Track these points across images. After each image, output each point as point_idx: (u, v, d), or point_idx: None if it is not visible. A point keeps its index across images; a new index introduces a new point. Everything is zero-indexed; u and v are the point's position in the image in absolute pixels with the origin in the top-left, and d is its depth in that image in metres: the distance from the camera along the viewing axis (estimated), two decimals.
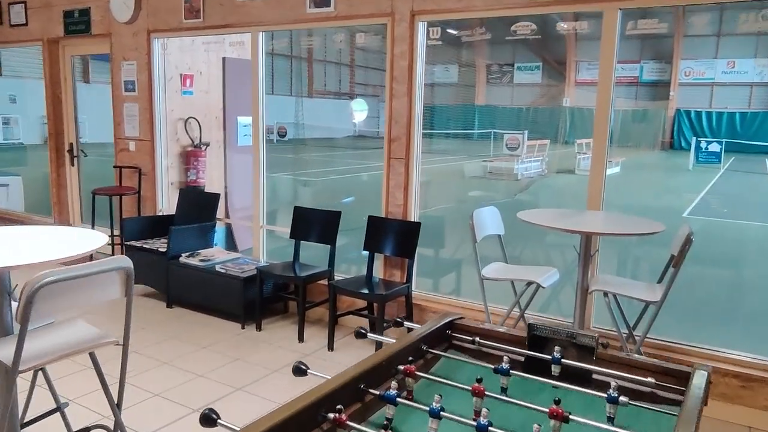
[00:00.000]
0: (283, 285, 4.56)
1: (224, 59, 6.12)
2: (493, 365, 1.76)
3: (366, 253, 4.22)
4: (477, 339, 1.96)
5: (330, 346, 4.01)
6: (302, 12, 4.42)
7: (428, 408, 1.44)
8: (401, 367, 1.72)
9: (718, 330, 4.73)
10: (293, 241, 4.54)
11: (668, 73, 28.34)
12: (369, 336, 2.04)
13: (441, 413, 1.42)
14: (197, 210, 5.17)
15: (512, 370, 1.75)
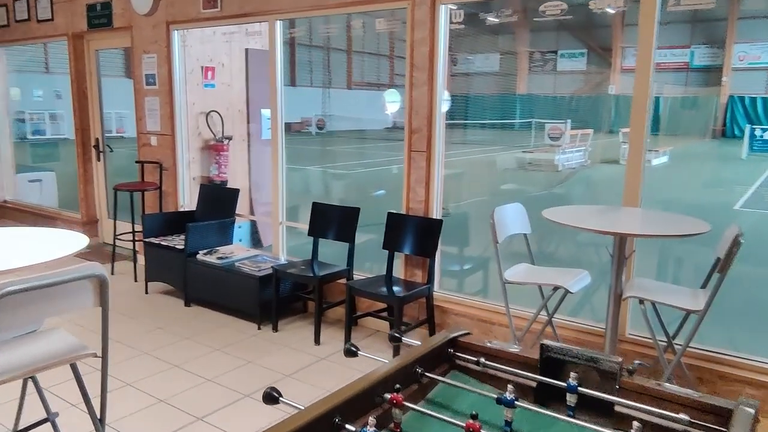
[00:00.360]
0: (302, 284, 4.39)
1: (247, 50, 5.98)
2: (500, 392, 1.53)
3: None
4: (482, 360, 1.72)
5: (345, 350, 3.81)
6: None
7: None
8: (387, 396, 1.49)
9: None
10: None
11: (721, 58, 27.05)
12: (360, 353, 1.82)
13: None
14: (217, 206, 5.04)
15: (522, 398, 1.51)
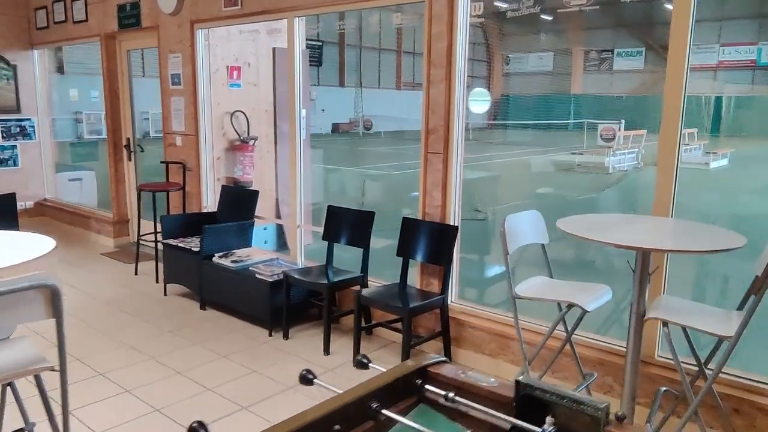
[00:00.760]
0: (315, 290, 4.23)
1: (274, 49, 5.88)
2: None
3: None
4: (450, 395, 1.50)
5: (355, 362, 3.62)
6: None
7: None
8: None
9: None
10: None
11: None
12: (315, 382, 1.63)
13: None
14: (238, 207, 4.95)
15: None
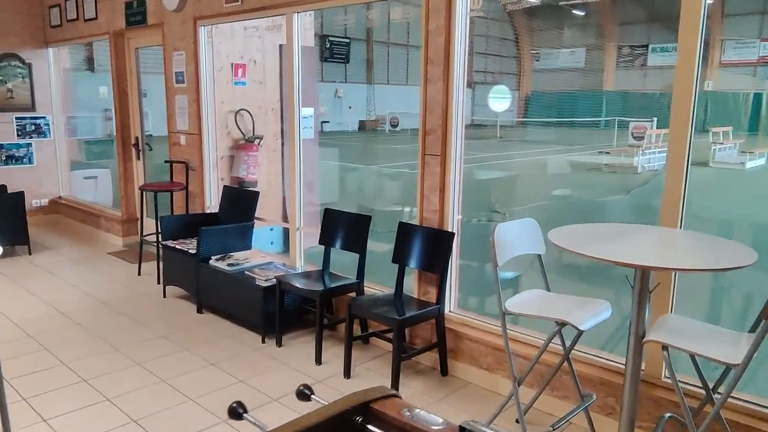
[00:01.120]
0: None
1: (281, 46, 5.75)
2: None
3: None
4: None
5: (346, 373, 3.47)
6: None
7: None
8: None
9: None
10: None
11: None
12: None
13: None
14: (238, 208, 4.84)
15: None
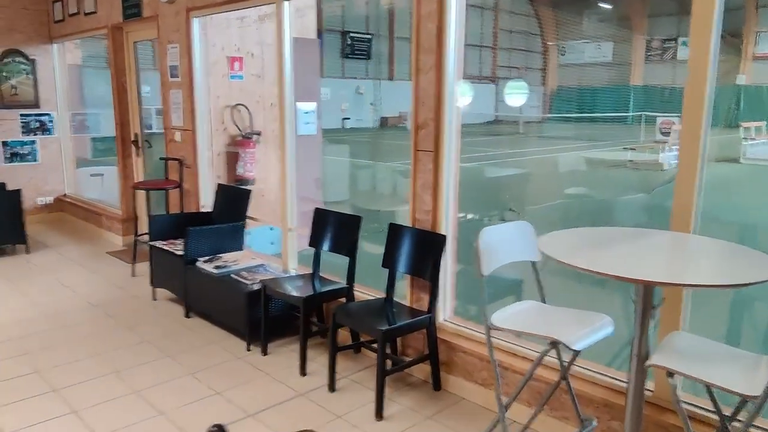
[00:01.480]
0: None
1: None
2: None
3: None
4: None
5: (331, 386, 3.22)
6: None
7: None
8: None
9: None
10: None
11: None
12: None
13: None
14: (230, 207, 4.63)
15: None
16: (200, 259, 4.19)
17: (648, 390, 2.48)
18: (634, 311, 1.98)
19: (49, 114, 7.30)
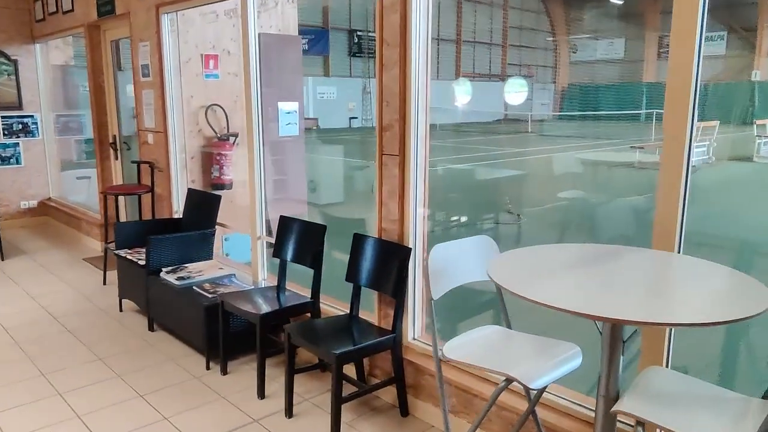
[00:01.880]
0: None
1: (259, 35, 5.27)
2: None
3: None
4: None
5: (289, 411, 2.96)
6: None
7: None
8: None
9: None
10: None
11: None
12: None
13: None
14: (201, 214, 4.38)
15: None
16: (164, 270, 3.95)
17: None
18: (600, 345, 1.70)
19: (33, 116, 7.11)
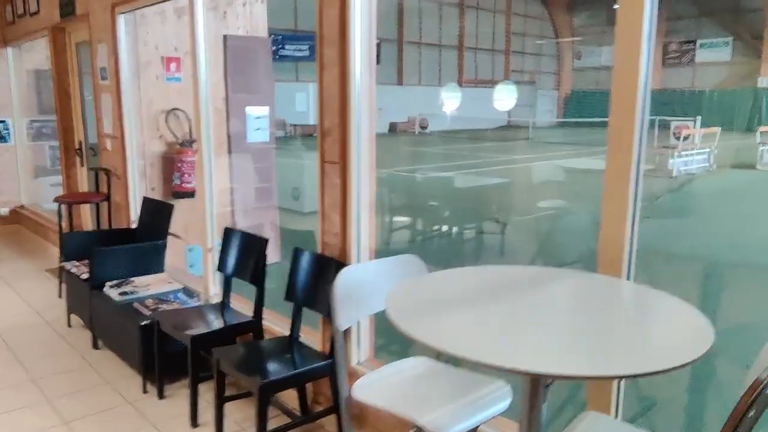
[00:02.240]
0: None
1: (225, 37, 5.06)
2: None
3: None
4: None
5: None
6: None
7: None
8: None
9: None
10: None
11: None
12: None
13: None
14: (156, 224, 4.15)
15: None
16: (108, 284, 3.71)
17: None
18: (520, 394, 1.43)
19: (5, 121, 6.92)
